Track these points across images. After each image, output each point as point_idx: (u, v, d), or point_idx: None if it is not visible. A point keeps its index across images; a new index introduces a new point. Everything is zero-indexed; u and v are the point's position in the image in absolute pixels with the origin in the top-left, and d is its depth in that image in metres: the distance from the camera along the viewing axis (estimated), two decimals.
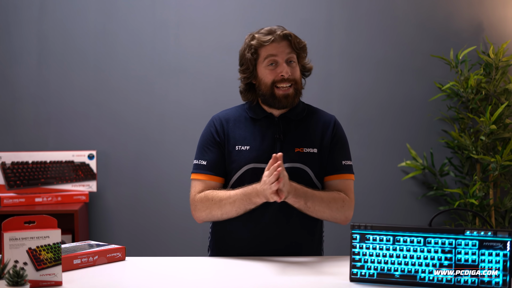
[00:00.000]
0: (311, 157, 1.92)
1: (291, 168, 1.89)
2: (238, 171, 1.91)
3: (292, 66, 1.92)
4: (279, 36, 1.90)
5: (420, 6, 3.22)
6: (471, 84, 2.97)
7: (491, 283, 1.46)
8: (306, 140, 1.94)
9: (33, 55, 3.16)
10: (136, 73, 3.19)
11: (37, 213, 2.75)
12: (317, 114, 2.01)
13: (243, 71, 1.96)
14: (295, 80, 1.92)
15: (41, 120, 3.17)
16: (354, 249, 1.55)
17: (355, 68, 3.22)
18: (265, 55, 1.90)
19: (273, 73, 1.90)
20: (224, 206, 1.87)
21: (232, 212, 1.87)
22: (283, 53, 1.90)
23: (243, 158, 1.91)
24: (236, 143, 1.93)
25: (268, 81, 1.91)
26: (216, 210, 1.88)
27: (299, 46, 1.93)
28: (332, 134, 1.96)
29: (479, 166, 3.06)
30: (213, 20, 3.18)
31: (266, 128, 1.95)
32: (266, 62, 1.91)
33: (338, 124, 2.01)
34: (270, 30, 1.92)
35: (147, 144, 3.20)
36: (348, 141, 2.01)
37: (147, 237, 3.20)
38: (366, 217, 3.19)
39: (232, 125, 1.96)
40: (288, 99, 1.91)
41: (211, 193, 1.90)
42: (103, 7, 3.17)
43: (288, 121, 1.96)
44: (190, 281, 1.58)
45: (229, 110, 2.03)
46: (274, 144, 1.92)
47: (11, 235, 1.46)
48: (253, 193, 1.82)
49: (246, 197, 1.83)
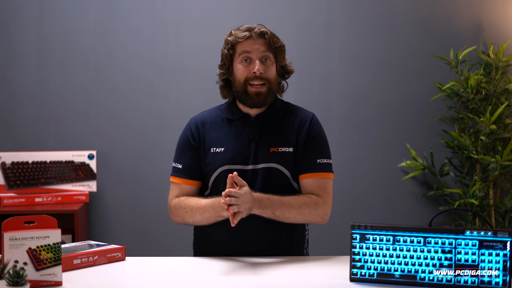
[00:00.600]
0: (287, 156, 1.90)
1: (266, 169, 1.88)
2: (214, 173, 1.91)
3: (267, 64, 1.90)
4: (256, 34, 1.89)
5: (420, 6, 3.22)
6: (471, 84, 2.97)
7: (491, 283, 1.46)
8: (281, 139, 1.92)
9: (33, 55, 3.16)
10: (136, 73, 3.19)
11: (37, 213, 2.75)
12: (295, 112, 1.99)
13: (221, 67, 1.96)
14: (268, 79, 1.90)
15: (41, 120, 3.17)
16: (354, 249, 1.55)
17: (355, 68, 3.22)
18: (240, 51, 1.90)
19: (246, 70, 1.89)
20: (195, 216, 1.88)
21: (203, 221, 1.88)
22: (257, 50, 1.89)
23: (218, 160, 1.91)
24: (211, 145, 1.93)
25: (241, 78, 1.90)
26: (188, 218, 1.90)
27: (275, 45, 1.91)
28: (307, 131, 1.93)
29: (479, 166, 3.06)
30: (213, 20, 3.18)
31: (242, 128, 1.94)
32: (240, 58, 1.90)
33: (315, 121, 1.97)
34: (248, 28, 1.91)
35: (147, 144, 3.20)
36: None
37: (147, 237, 3.20)
38: (366, 217, 3.19)
39: (208, 127, 1.96)
40: (260, 97, 1.89)
41: (184, 201, 1.90)
42: (103, 7, 3.17)
43: (264, 120, 1.94)
44: (190, 281, 1.58)
45: (207, 111, 2.02)
46: (249, 145, 1.91)
47: (11, 235, 1.46)
48: (219, 207, 1.81)
49: (213, 210, 1.84)
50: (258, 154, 1.89)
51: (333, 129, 3.16)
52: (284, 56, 1.96)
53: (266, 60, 1.90)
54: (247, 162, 1.89)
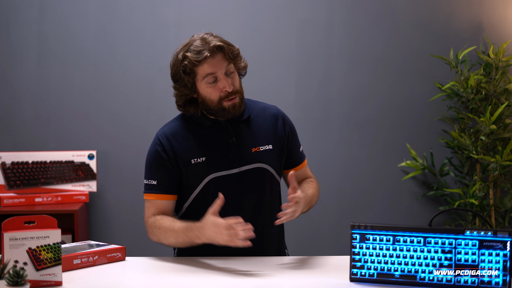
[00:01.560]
0: (268, 154, 1.91)
1: (252, 170, 1.88)
2: (200, 184, 1.87)
3: (232, 76, 1.86)
4: (212, 51, 1.82)
5: (420, 6, 3.22)
6: (471, 84, 2.97)
7: (491, 283, 1.46)
8: (259, 138, 1.92)
9: (33, 55, 3.16)
10: (136, 73, 3.19)
11: (37, 213, 2.75)
12: (261, 108, 1.98)
13: (180, 89, 1.88)
14: (237, 90, 1.87)
15: (41, 120, 3.17)
16: (354, 249, 1.55)
17: (355, 68, 3.22)
18: (203, 74, 1.83)
19: (217, 90, 1.84)
20: (169, 238, 1.83)
21: (178, 244, 1.83)
22: (221, 67, 1.83)
23: (202, 170, 1.86)
24: (190, 156, 1.87)
25: (214, 99, 1.84)
26: (163, 239, 1.85)
27: (233, 55, 1.86)
28: (283, 129, 1.96)
29: (479, 166, 3.06)
30: (213, 20, 3.18)
31: (216, 134, 1.90)
32: (205, 80, 1.83)
33: (284, 115, 2.00)
34: (202, 44, 1.81)
35: (147, 144, 3.17)
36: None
37: (147, 237, 3.19)
38: (366, 217, 3.19)
39: (181, 140, 1.90)
40: (236, 108, 1.86)
41: (159, 221, 1.85)
42: (103, 7, 3.17)
43: (236, 123, 1.92)
44: (190, 281, 1.58)
45: (173, 123, 1.95)
46: (229, 149, 1.88)
47: (11, 235, 1.46)
48: (193, 235, 1.76)
49: (186, 236, 1.78)
50: (240, 157, 1.88)
51: (333, 129, 3.16)
52: (241, 59, 1.92)
53: (230, 73, 1.86)
54: (231, 166, 1.87)
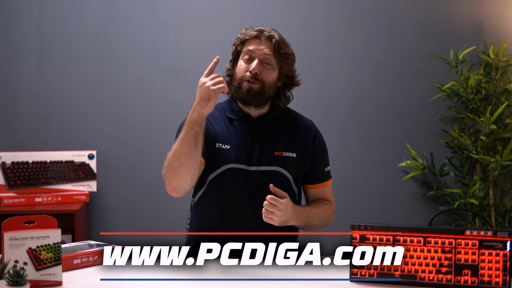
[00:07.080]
0: (290, 161, 1.91)
1: (270, 172, 1.88)
2: (217, 169, 1.87)
3: (266, 67, 1.89)
4: (264, 36, 1.89)
5: (420, 6, 3.22)
6: (471, 84, 2.97)
7: (491, 283, 1.46)
8: (285, 144, 1.92)
9: (33, 55, 3.16)
10: (136, 73, 3.19)
11: (37, 213, 2.75)
12: (296, 118, 2.00)
13: (229, 62, 1.99)
14: (263, 81, 1.87)
15: (41, 120, 3.17)
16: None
17: (355, 68, 3.22)
18: (245, 49, 1.91)
19: (245, 68, 1.89)
20: (172, 150, 1.77)
21: (184, 147, 1.74)
22: (260, 51, 1.89)
23: (223, 157, 1.87)
24: (216, 140, 1.89)
25: (239, 75, 1.90)
26: (172, 158, 1.76)
27: (281, 51, 1.89)
28: (312, 142, 1.96)
29: (479, 166, 3.06)
30: (213, 20, 3.18)
31: (244, 129, 1.92)
32: (243, 56, 1.91)
33: (317, 130, 2.00)
34: (260, 29, 1.92)
35: (147, 144, 3.20)
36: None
37: (147, 237, 3.20)
38: (366, 217, 3.19)
39: (213, 122, 1.93)
40: (249, 94, 1.86)
41: None
42: (103, 7, 3.17)
43: (266, 123, 1.94)
44: (190, 281, 1.58)
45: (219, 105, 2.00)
46: (253, 146, 1.89)
47: (11, 235, 1.46)
48: (187, 117, 1.75)
49: (183, 129, 1.75)
50: (262, 156, 1.88)
51: (333, 129, 3.16)
52: (290, 65, 1.94)
53: (268, 64, 1.89)
54: (250, 163, 1.88)
